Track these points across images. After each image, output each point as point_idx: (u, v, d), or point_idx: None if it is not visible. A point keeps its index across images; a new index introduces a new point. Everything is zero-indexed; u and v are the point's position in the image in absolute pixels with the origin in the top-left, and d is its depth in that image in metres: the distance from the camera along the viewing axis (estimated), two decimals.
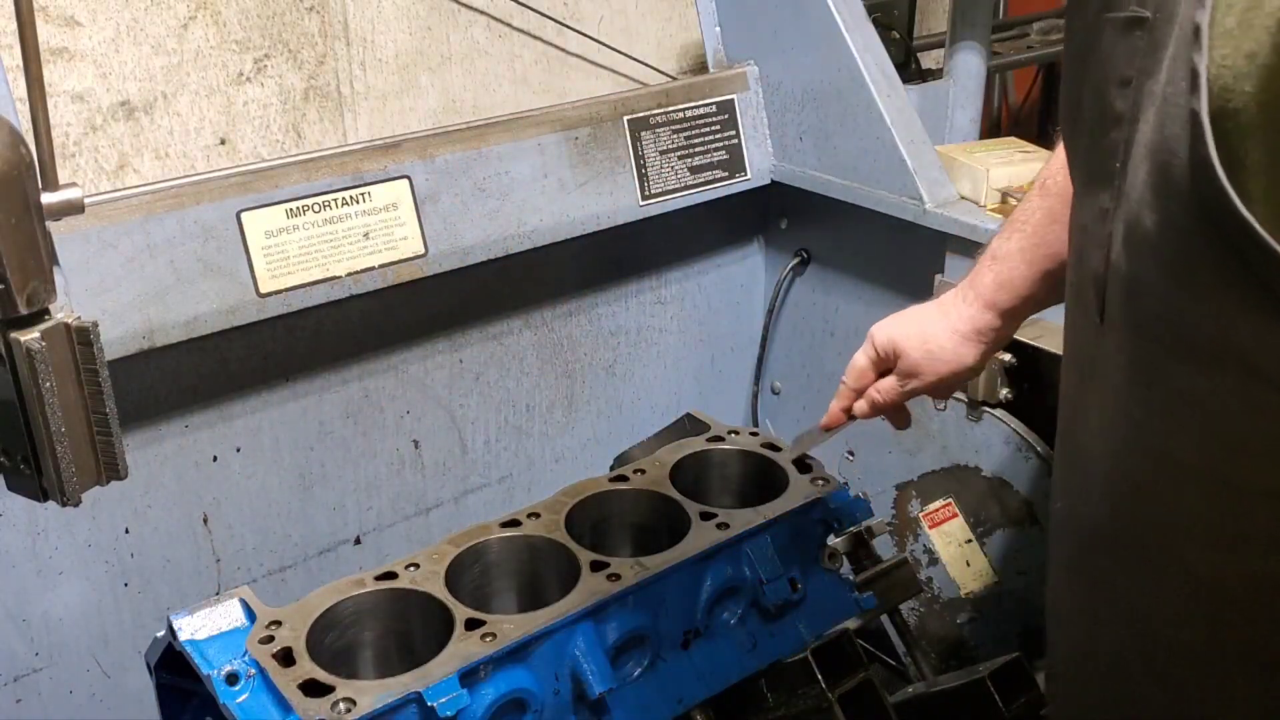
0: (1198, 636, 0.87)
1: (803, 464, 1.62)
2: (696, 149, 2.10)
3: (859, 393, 1.47)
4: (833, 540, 1.60)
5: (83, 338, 0.83)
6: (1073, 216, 0.93)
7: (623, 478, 1.59)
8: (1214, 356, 0.74)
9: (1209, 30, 0.68)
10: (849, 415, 1.50)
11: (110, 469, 0.87)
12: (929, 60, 2.91)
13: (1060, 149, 1.26)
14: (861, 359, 1.46)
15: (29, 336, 0.80)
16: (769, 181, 2.19)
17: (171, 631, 1.28)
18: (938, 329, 1.37)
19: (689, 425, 1.76)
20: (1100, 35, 0.82)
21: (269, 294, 1.67)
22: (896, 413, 1.49)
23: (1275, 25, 0.67)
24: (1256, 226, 0.67)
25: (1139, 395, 0.82)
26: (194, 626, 1.28)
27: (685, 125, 2.08)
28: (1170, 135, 0.72)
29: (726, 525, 1.48)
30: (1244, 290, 0.70)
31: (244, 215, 1.65)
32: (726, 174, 2.14)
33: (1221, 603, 0.84)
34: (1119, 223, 0.80)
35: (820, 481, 1.58)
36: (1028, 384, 1.83)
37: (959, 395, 1.85)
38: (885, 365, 1.44)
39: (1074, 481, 0.97)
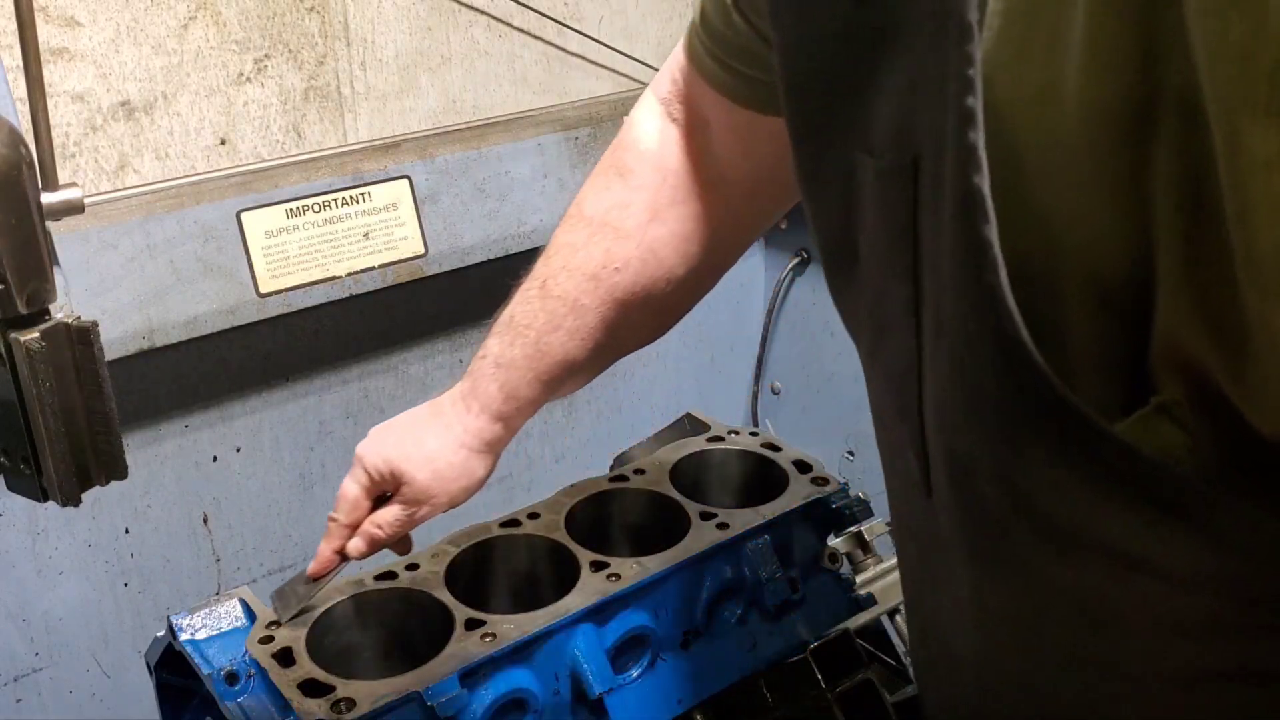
0: None
1: (803, 464, 1.62)
2: None
3: (354, 528, 1.28)
4: (833, 540, 1.60)
5: (83, 338, 0.83)
6: (868, 367, 0.81)
7: (623, 478, 1.59)
8: (1072, 542, 0.64)
9: (984, 191, 0.58)
10: (343, 557, 1.29)
11: (110, 469, 0.87)
12: None
13: (563, 238, 1.18)
14: (354, 489, 1.25)
15: (29, 336, 0.80)
16: None
17: (171, 631, 1.28)
18: (442, 445, 1.24)
19: (689, 425, 1.75)
20: (862, 177, 0.70)
21: (269, 294, 1.67)
22: (399, 542, 1.33)
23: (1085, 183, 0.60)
24: (1071, 399, 0.58)
25: (995, 586, 0.71)
26: (194, 626, 1.28)
27: None
28: (968, 304, 0.61)
29: (726, 525, 1.48)
30: (1085, 471, 0.61)
31: (244, 215, 1.65)
32: None
33: None
34: (928, 391, 0.69)
35: (820, 481, 1.58)
36: None
37: None
38: (380, 490, 1.27)
39: (939, 669, 0.85)
